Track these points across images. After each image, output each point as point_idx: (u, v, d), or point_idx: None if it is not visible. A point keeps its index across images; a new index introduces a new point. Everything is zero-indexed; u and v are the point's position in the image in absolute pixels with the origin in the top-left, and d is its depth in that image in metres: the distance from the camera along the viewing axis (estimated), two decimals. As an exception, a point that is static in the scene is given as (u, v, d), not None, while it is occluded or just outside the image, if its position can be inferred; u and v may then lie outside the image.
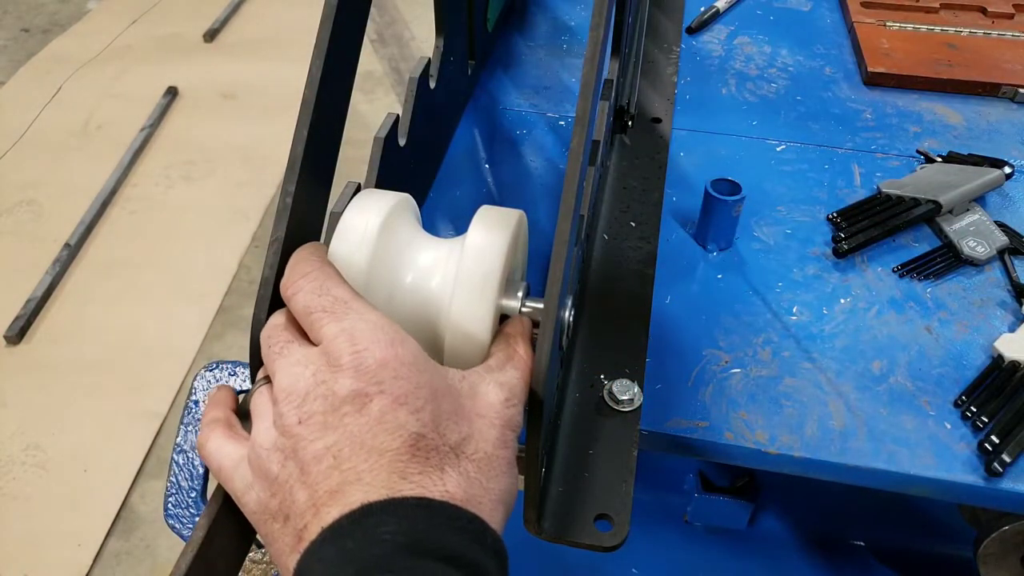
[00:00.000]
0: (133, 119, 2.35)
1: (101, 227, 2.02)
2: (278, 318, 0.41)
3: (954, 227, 0.69)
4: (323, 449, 0.35)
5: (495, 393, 0.39)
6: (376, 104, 2.46)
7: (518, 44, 0.93)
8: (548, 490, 0.47)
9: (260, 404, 0.39)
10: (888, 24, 0.96)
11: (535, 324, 0.45)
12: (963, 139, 0.81)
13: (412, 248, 0.46)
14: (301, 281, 0.40)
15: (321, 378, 0.36)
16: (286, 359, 0.38)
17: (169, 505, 0.68)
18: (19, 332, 1.74)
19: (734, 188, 0.66)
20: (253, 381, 0.42)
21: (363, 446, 0.34)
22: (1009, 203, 0.74)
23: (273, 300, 0.42)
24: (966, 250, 0.67)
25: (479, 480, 0.36)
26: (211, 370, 0.72)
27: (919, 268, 0.67)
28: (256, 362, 0.42)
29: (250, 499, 0.37)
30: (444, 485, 0.35)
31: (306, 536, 0.34)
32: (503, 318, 0.45)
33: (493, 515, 0.36)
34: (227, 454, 0.39)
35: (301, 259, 0.42)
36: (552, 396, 0.45)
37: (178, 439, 0.70)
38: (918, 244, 0.70)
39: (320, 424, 0.35)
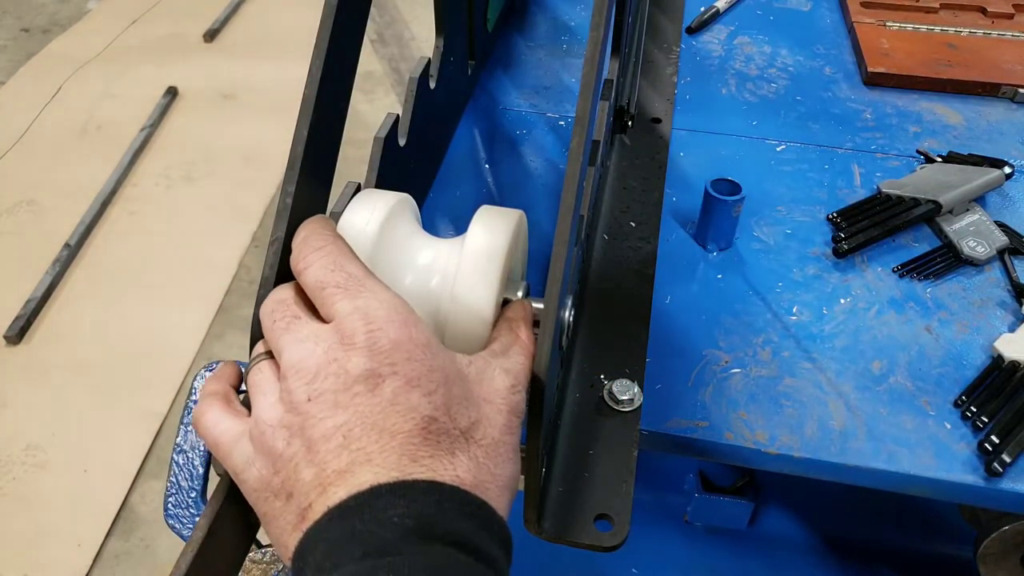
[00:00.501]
0: (133, 119, 2.35)
1: (101, 227, 2.02)
2: (282, 292, 0.40)
3: (954, 227, 0.69)
4: (333, 428, 0.34)
5: (501, 379, 0.39)
6: (376, 104, 2.46)
7: (518, 44, 0.93)
8: (548, 490, 0.47)
9: (261, 380, 0.38)
10: (888, 24, 0.96)
11: (535, 324, 0.45)
12: (963, 139, 0.81)
13: (412, 248, 0.46)
14: (313, 255, 0.39)
15: (333, 356, 0.35)
16: (293, 334, 0.37)
17: (169, 505, 0.68)
18: (19, 332, 1.74)
19: (734, 188, 0.66)
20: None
21: (374, 427, 0.34)
22: (1009, 203, 0.74)
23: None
24: (966, 250, 0.67)
25: (487, 466, 0.36)
26: (211, 370, 0.72)
27: (919, 268, 0.67)
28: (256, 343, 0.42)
29: (250, 475, 0.36)
30: (454, 469, 0.34)
31: (310, 515, 0.33)
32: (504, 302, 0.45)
33: (499, 501, 0.36)
34: (225, 429, 0.38)
35: (313, 232, 0.41)
36: (552, 396, 0.45)
37: (178, 439, 0.70)
38: (918, 244, 0.70)
39: (331, 403, 0.35)
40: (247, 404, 0.41)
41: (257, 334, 0.41)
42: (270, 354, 0.39)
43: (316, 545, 0.32)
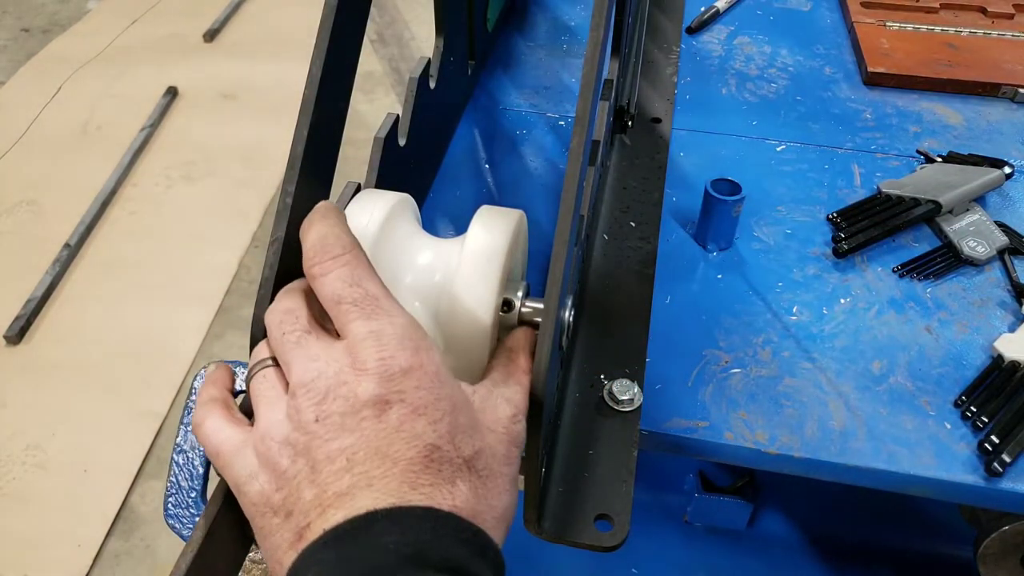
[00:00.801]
0: (133, 119, 2.35)
1: (101, 227, 2.02)
2: (290, 300, 0.40)
3: (954, 227, 0.69)
4: (337, 450, 0.34)
5: (503, 408, 0.39)
6: (376, 104, 2.46)
7: (518, 44, 0.93)
8: (548, 490, 0.47)
9: (266, 390, 0.38)
10: (888, 24, 0.96)
11: (535, 326, 0.45)
12: (963, 139, 0.81)
13: (412, 248, 0.46)
14: (330, 263, 0.39)
15: (344, 378, 0.36)
16: (304, 351, 0.37)
17: (169, 505, 0.68)
18: (19, 332, 1.74)
19: (734, 188, 0.66)
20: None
21: (378, 452, 0.34)
22: (1009, 203, 0.74)
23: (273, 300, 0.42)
24: (966, 250, 0.67)
25: (485, 497, 0.36)
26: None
27: (919, 268, 0.67)
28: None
29: (252, 489, 0.36)
30: (453, 499, 0.34)
31: (307, 536, 0.33)
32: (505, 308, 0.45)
33: (495, 531, 0.36)
34: (226, 438, 0.38)
35: (330, 234, 0.40)
36: (552, 396, 0.45)
37: (178, 439, 0.70)
38: (918, 244, 0.70)
39: (338, 425, 0.35)
40: (245, 408, 0.41)
41: (258, 335, 0.41)
42: (273, 360, 0.39)
43: (309, 568, 0.32)
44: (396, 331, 0.37)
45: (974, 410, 0.56)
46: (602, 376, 0.53)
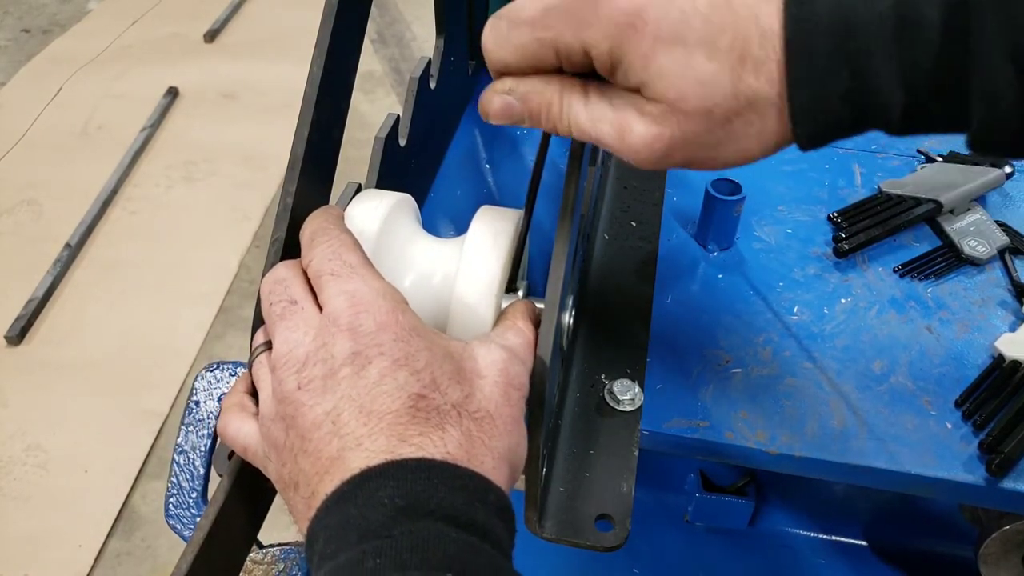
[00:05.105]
0: (133, 119, 2.35)
1: (101, 227, 2.02)
2: (281, 271, 0.40)
3: (955, 227, 0.69)
4: (322, 415, 0.35)
5: (497, 353, 0.39)
6: (376, 104, 2.46)
7: (518, 44, 0.93)
8: (549, 490, 0.47)
9: (263, 374, 0.39)
10: (888, 23, 0.96)
11: (535, 326, 0.45)
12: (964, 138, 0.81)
13: (412, 248, 0.46)
14: (316, 250, 0.40)
15: (321, 341, 0.36)
16: (286, 322, 0.38)
17: (170, 505, 0.68)
18: (19, 332, 1.74)
19: (735, 188, 0.66)
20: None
21: (362, 409, 0.34)
22: (1009, 203, 0.74)
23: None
24: (967, 250, 0.67)
25: (481, 438, 0.36)
26: (212, 370, 0.72)
27: (920, 268, 0.67)
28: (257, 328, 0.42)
29: (270, 471, 0.38)
30: (445, 446, 0.34)
31: (314, 503, 0.34)
32: None
33: (496, 473, 0.36)
34: (247, 432, 0.39)
35: (319, 227, 0.41)
36: (553, 396, 0.45)
37: (179, 439, 0.70)
38: (919, 244, 0.70)
39: (319, 388, 0.35)
40: None
41: (259, 325, 0.41)
42: (270, 344, 0.40)
43: (319, 533, 0.33)
44: (370, 292, 0.37)
45: (975, 409, 0.55)
46: (603, 376, 0.53)
